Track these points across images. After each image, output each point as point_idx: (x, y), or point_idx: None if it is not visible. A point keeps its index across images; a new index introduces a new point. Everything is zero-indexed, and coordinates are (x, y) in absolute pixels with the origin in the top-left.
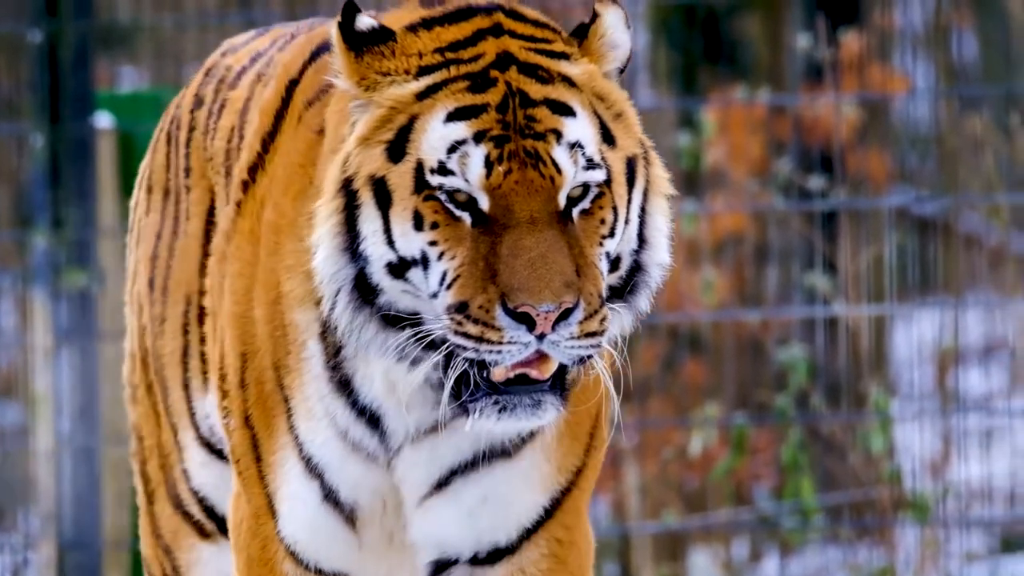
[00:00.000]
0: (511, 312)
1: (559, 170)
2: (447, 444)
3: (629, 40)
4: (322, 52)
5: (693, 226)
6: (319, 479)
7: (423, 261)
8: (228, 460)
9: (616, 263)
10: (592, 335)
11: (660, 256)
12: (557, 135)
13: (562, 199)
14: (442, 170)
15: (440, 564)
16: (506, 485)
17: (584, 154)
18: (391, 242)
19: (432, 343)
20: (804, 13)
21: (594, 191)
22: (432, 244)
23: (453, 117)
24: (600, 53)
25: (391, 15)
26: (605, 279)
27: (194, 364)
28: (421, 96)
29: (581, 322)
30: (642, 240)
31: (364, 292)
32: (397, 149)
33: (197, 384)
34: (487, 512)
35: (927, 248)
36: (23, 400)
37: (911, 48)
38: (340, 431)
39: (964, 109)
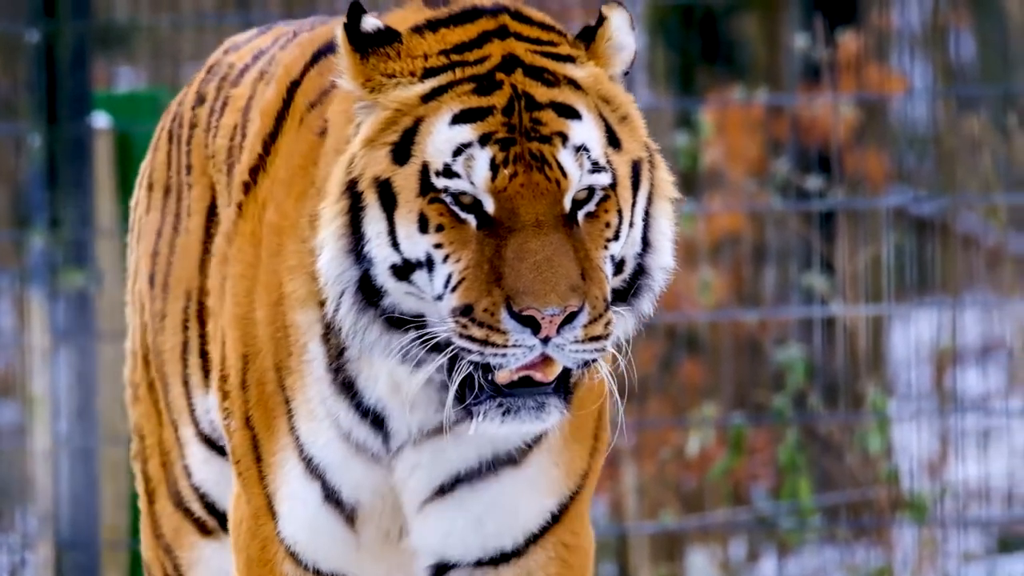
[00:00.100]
0: (516, 315)
1: (564, 173)
2: (452, 450)
3: (634, 42)
4: (324, 54)
5: (691, 226)
6: (320, 480)
7: (428, 263)
8: (229, 457)
9: (620, 266)
10: (597, 339)
11: (664, 260)
12: (563, 138)
13: (567, 202)
14: (447, 173)
15: (441, 567)
16: (513, 493)
17: (589, 157)
18: (396, 244)
19: (436, 345)
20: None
21: (599, 194)
22: (437, 247)
23: (459, 120)
24: (607, 56)
25: (394, 15)
26: (609, 283)
27: (193, 360)
28: (426, 98)
29: (586, 326)
30: (646, 243)
31: (368, 294)
32: (402, 151)
33: (196, 380)
34: (493, 519)
35: (925, 248)
36: (21, 400)
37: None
38: (343, 432)
39: (962, 109)
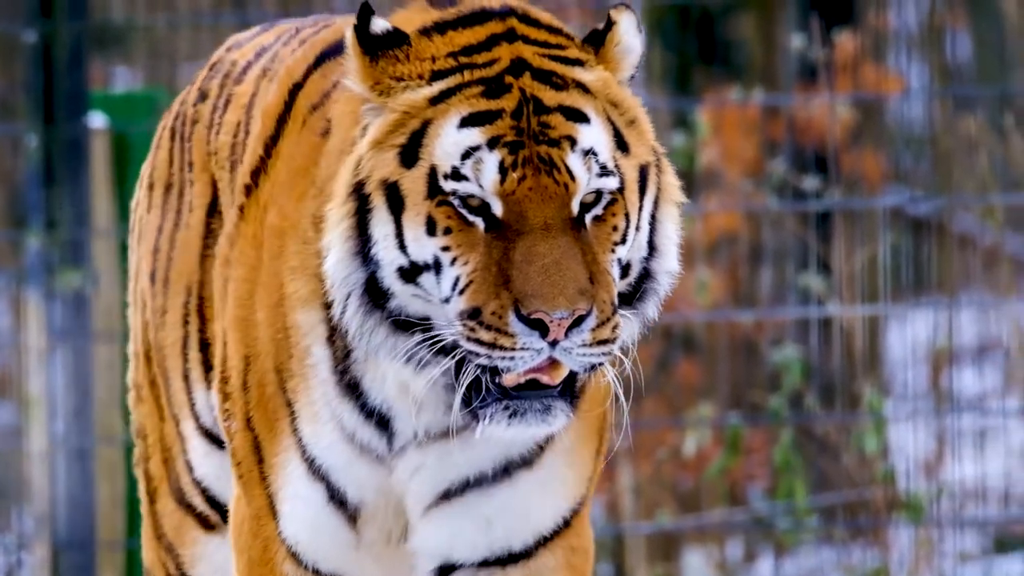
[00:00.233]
0: (524, 318)
1: (573, 177)
2: (459, 454)
3: (641, 45)
4: (327, 57)
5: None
6: (324, 481)
7: (435, 266)
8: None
9: (626, 270)
10: (604, 342)
11: (669, 264)
12: (571, 142)
13: (575, 206)
14: (456, 176)
15: (444, 568)
16: (526, 495)
17: (598, 161)
18: (403, 247)
19: (443, 348)
20: (798, 13)
21: (607, 198)
22: (445, 249)
23: (467, 123)
24: (616, 60)
25: (399, 16)
26: (616, 286)
27: (193, 355)
28: (435, 101)
29: (594, 329)
30: (652, 247)
31: (375, 296)
32: (410, 154)
33: (197, 375)
34: (503, 522)
35: (921, 248)
36: (17, 400)
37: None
38: (347, 434)
39: (958, 109)
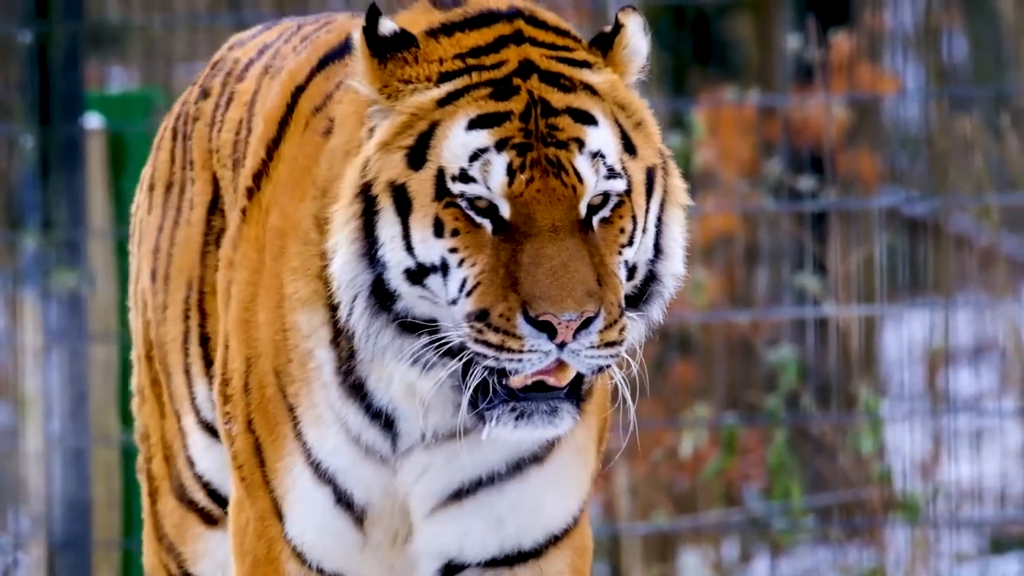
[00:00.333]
0: (532, 320)
1: (581, 179)
2: (466, 455)
3: (647, 46)
4: (330, 59)
5: None
6: (331, 484)
7: (443, 268)
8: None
9: (632, 272)
10: (611, 344)
11: (675, 266)
12: (579, 144)
13: (583, 208)
14: (464, 177)
15: (450, 567)
16: (537, 491)
17: (605, 163)
18: (410, 248)
19: (449, 350)
20: (794, 14)
21: (614, 200)
22: (452, 251)
23: (475, 125)
24: (624, 63)
25: (402, 16)
26: (623, 288)
27: (194, 350)
28: (442, 103)
29: (601, 331)
30: (658, 250)
31: (381, 298)
32: (417, 155)
33: (197, 369)
34: (514, 520)
35: (917, 249)
36: (13, 401)
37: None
38: (353, 436)
39: (954, 110)
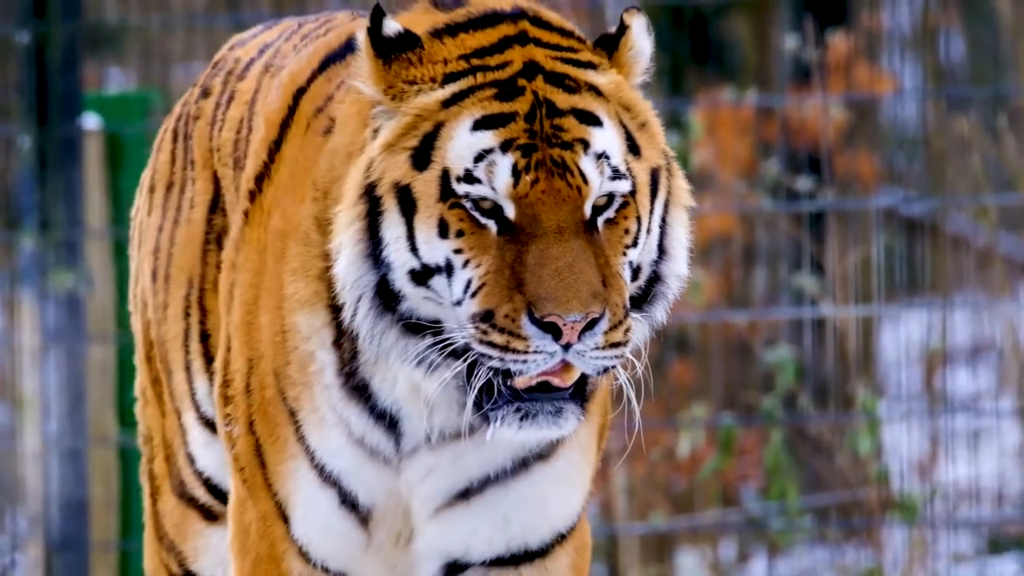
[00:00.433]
0: (538, 321)
1: (586, 180)
2: (472, 455)
3: (650, 46)
4: (332, 61)
5: None
6: (336, 486)
7: (447, 269)
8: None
9: (636, 273)
10: (616, 345)
11: (679, 267)
12: (584, 145)
13: (588, 209)
14: (468, 178)
15: (453, 566)
16: (543, 488)
17: (610, 164)
18: (414, 249)
19: (454, 351)
20: (792, 14)
21: (619, 201)
22: (457, 252)
23: (480, 125)
24: (629, 64)
25: (403, 17)
26: (628, 289)
27: (194, 347)
28: (447, 103)
29: (606, 332)
30: (662, 251)
31: (386, 299)
32: (422, 156)
33: (198, 366)
34: (521, 518)
35: (915, 249)
36: (10, 401)
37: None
38: (356, 438)
39: (952, 110)
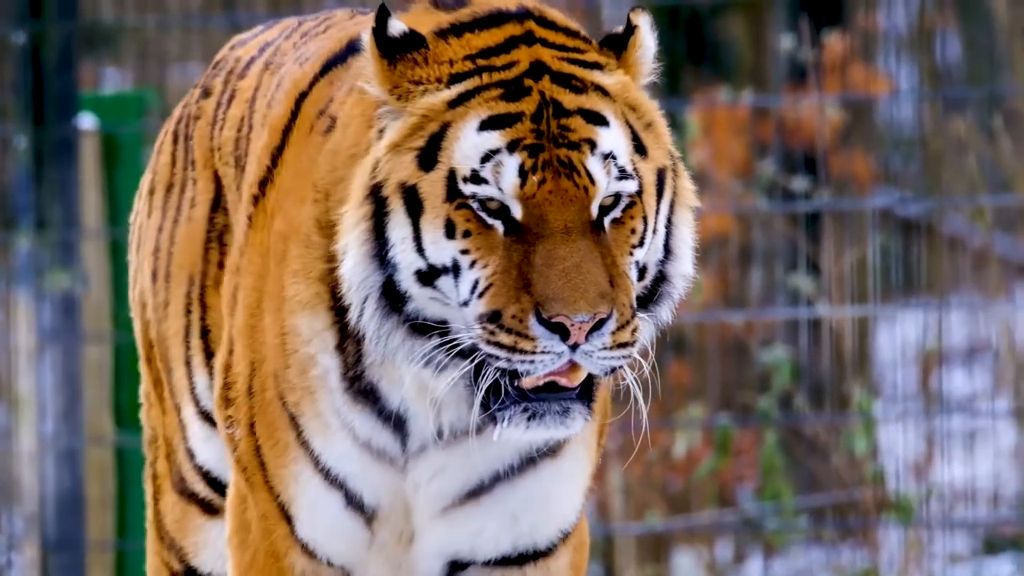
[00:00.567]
0: (545, 322)
1: (592, 180)
2: (479, 454)
3: (654, 45)
4: (332, 65)
5: None
6: (341, 489)
7: (454, 269)
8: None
9: (642, 273)
10: (624, 345)
11: (684, 267)
12: (591, 145)
13: (595, 209)
14: (475, 179)
15: (455, 565)
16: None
17: (617, 164)
18: (421, 250)
19: (461, 352)
20: (788, 14)
21: (625, 201)
22: (464, 252)
23: (487, 126)
24: (637, 65)
25: (404, 18)
26: (635, 289)
27: (195, 342)
28: (453, 104)
29: (614, 332)
30: (667, 251)
31: (392, 300)
32: (428, 157)
33: (198, 361)
34: (528, 516)
35: (911, 249)
36: (6, 401)
37: (895, 49)
38: (362, 441)
39: (948, 111)
